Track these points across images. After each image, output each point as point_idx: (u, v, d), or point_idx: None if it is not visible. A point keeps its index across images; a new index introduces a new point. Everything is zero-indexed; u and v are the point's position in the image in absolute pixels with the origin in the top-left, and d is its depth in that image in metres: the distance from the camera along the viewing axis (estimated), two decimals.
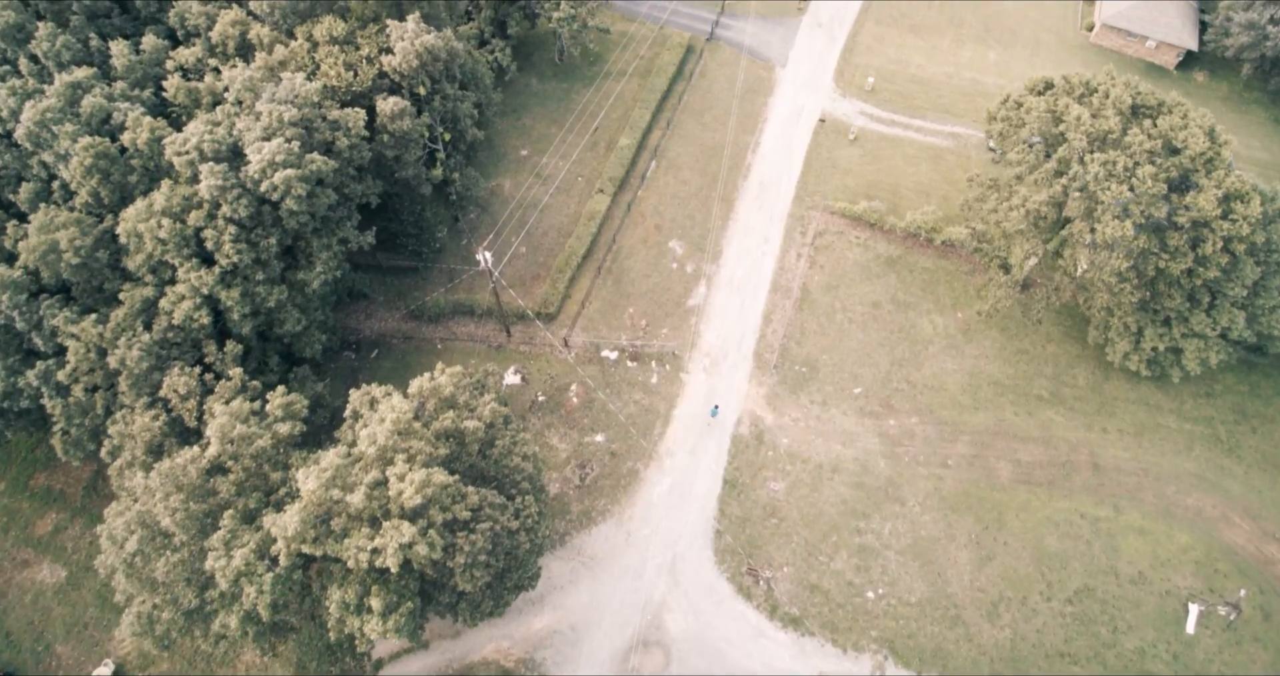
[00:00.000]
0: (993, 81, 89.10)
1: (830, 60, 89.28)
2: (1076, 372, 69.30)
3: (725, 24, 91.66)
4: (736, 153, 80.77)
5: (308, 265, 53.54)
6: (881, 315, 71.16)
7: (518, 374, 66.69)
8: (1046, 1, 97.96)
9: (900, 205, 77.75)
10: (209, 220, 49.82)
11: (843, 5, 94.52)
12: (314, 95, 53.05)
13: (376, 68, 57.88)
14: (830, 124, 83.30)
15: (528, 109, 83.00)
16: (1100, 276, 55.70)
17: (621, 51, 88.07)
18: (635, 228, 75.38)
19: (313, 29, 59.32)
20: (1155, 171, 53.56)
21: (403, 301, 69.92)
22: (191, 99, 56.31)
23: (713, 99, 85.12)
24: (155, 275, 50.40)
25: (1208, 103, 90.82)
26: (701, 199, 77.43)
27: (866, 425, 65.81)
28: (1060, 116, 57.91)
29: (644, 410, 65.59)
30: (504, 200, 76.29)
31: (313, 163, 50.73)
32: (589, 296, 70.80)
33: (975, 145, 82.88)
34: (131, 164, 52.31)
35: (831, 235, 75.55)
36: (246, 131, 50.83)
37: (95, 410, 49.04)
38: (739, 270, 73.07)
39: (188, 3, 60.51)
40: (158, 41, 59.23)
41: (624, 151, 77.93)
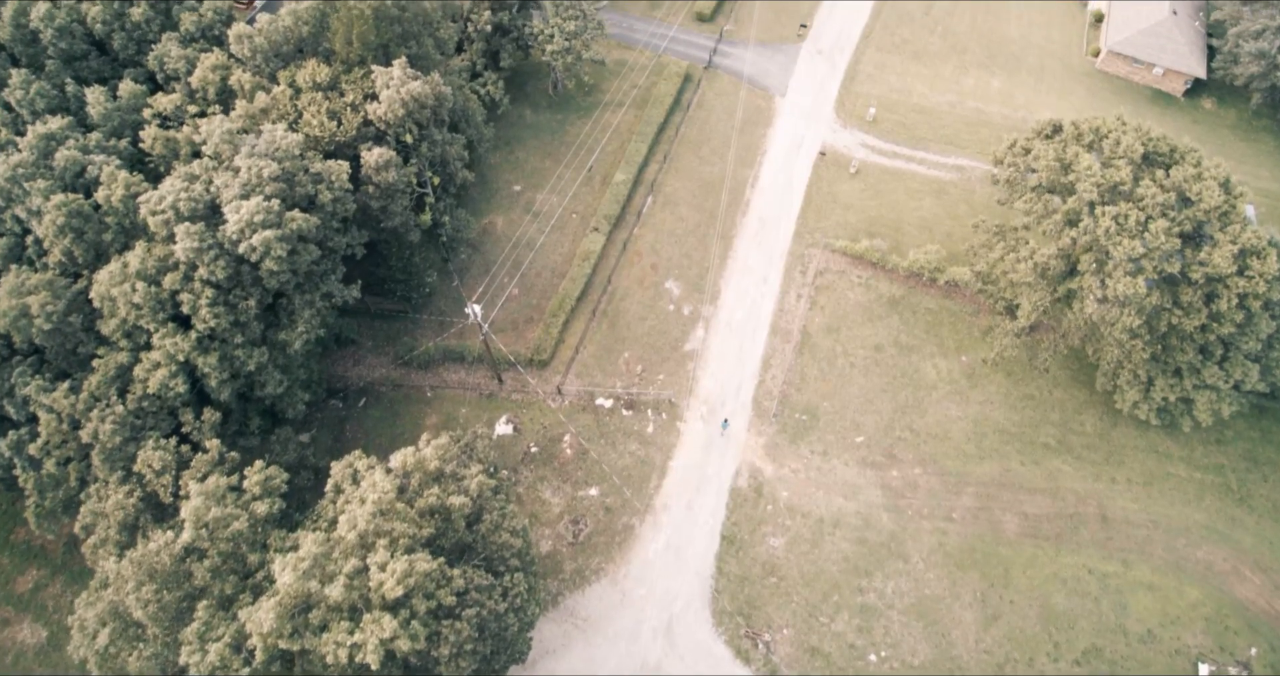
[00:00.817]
0: (996, 111, 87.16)
1: (831, 89, 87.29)
2: (1084, 419, 67.45)
3: (723, 51, 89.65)
4: (735, 187, 78.83)
5: (289, 324, 51.65)
6: (884, 359, 69.30)
7: (510, 423, 64.85)
8: (1051, 27, 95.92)
9: (903, 242, 75.85)
10: (185, 282, 47.94)
11: (843, 31, 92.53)
12: (295, 148, 51.12)
13: (361, 116, 55.91)
14: (831, 157, 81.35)
15: (521, 142, 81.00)
16: (1111, 333, 53.82)
17: (618, 80, 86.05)
18: (631, 267, 73.46)
19: (295, 74, 57.35)
20: (1168, 225, 51.70)
21: (391, 347, 68.01)
22: (169, 149, 54.38)
23: (710, 130, 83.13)
24: (130, 339, 48.54)
25: (1215, 131, 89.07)
26: (699, 236, 75.51)
27: (869, 476, 63.99)
28: (1069, 165, 56.00)
29: (639, 462, 63.75)
30: (496, 238, 74.35)
31: (293, 221, 48.83)
32: (583, 341, 68.92)
33: (979, 178, 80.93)
34: (106, 221, 50.41)
35: (832, 274, 73.65)
36: (225, 188, 48.92)
37: (69, 482, 47.22)
38: (737, 312, 71.18)
39: (167, 46, 58.49)
40: (135, 87, 57.26)
41: (619, 187, 75.98)
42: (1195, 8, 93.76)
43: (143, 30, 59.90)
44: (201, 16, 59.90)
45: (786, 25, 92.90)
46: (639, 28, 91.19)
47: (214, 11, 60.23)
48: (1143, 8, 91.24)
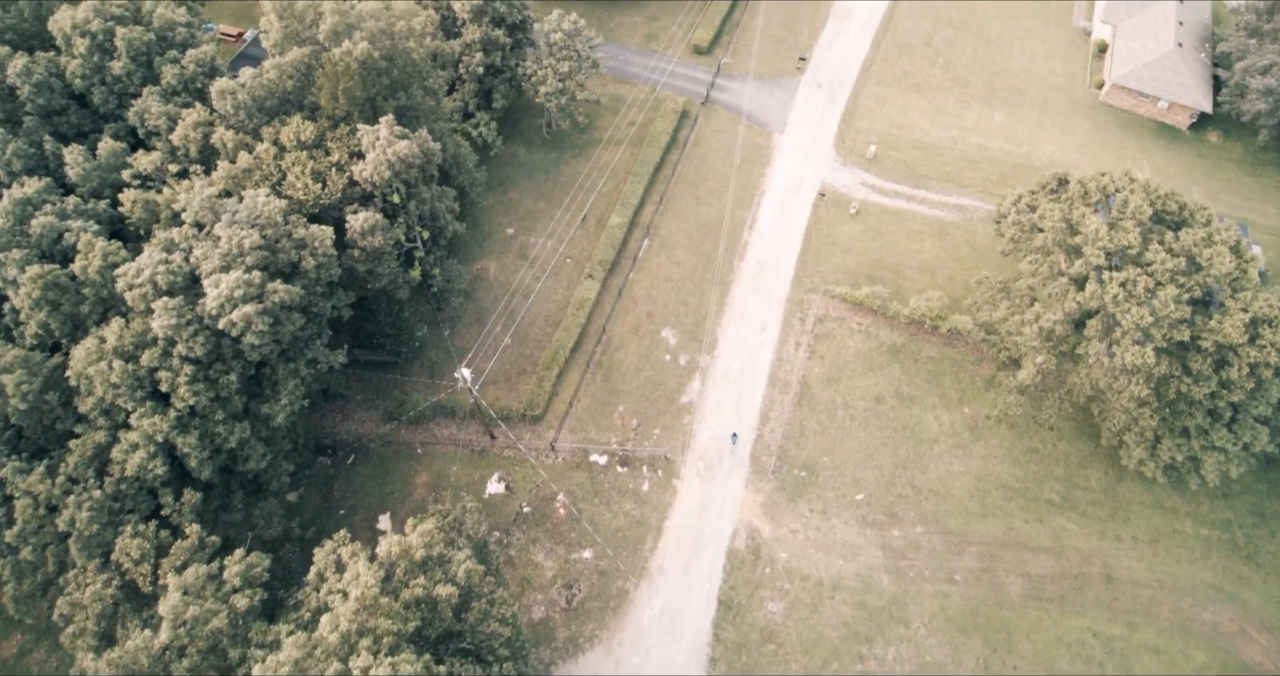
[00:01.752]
0: (999, 146, 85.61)
1: (830, 124, 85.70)
2: (1089, 473, 66.04)
3: (721, 85, 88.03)
4: (733, 229, 77.32)
5: (273, 395, 50.15)
6: (884, 411, 67.85)
7: (501, 482, 63.42)
8: (1053, 57, 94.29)
9: (904, 287, 74.37)
10: (163, 359, 46.44)
11: (843, 64, 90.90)
12: (278, 214, 49.59)
13: (347, 176, 54.33)
14: (831, 197, 79.80)
15: (515, 182, 79.43)
16: (1119, 401, 52.38)
17: (614, 117, 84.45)
18: (626, 315, 71.98)
19: (280, 131, 55.76)
20: (1178, 292, 50.22)
21: (381, 401, 66.54)
22: (149, 212, 52.81)
23: (708, 169, 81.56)
24: (108, 417, 47.07)
25: (1221, 165, 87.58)
26: (696, 282, 74.01)
27: (869, 536, 62.59)
28: (1076, 225, 54.49)
29: (634, 522, 62.34)
30: (489, 285, 72.83)
31: (275, 293, 47.33)
32: (578, 393, 67.46)
33: (981, 218, 79.43)
34: (83, 293, 48.87)
35: (832, 322, 72.18)
36: (204, 260, 47.39)
37: (46, 567, 45.75)
38: (735, 362, 69.71)
39: (148, 101, 56.87)
40: (115, 145, 55.66)
41: (615, 231, 74.45)
42: (1201, 39, 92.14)
43: (123, 83, 58.25)
44: (184, 69, 58.24)
45: (785, 58, 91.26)
46: (635, 61, 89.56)
47: (196, 63, 58.56)
48: (1147, 40, 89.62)
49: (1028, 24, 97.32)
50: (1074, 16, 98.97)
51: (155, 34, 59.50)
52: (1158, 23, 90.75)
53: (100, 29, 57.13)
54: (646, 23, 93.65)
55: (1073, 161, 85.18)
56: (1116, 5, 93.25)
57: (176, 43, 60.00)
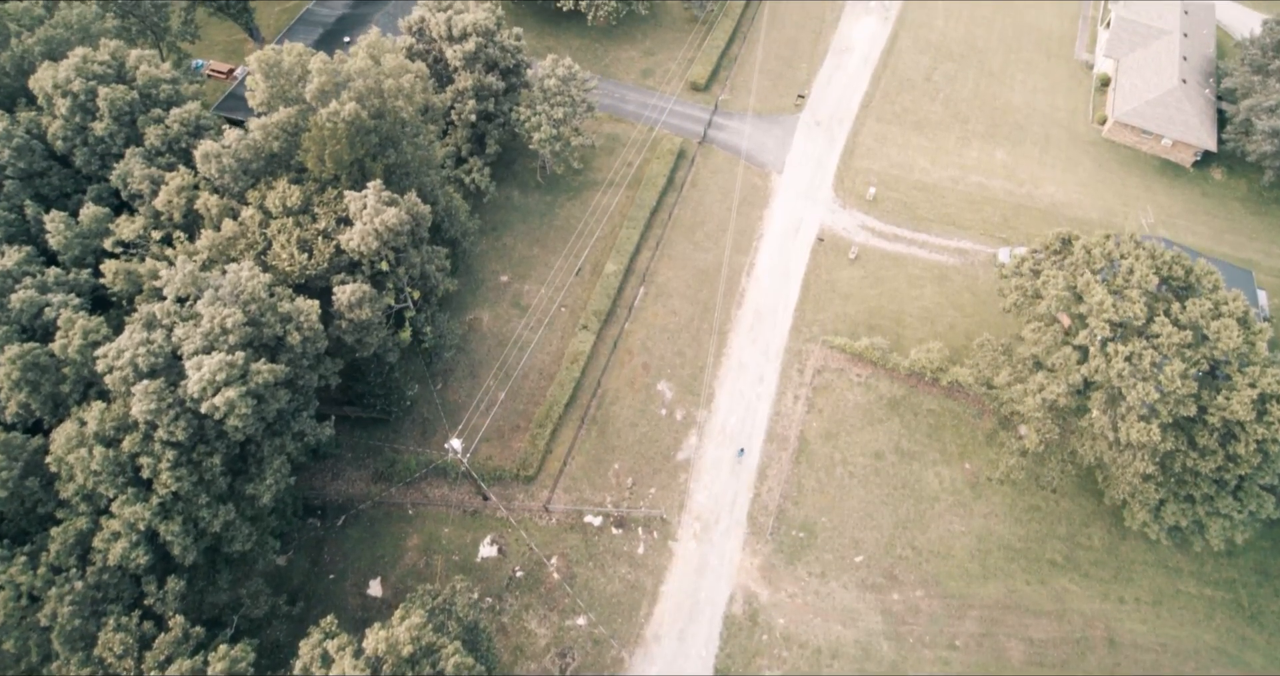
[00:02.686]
0: (1000, 186, 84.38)
1: (830, 164, 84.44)
2: (1091, 532, 64.94)
3: (719, 124, 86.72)
4: (730, 276, 76.13)
5: (258, 474, 49.00)
6: (884, 468, 66.74)
7: (494, 545, 62.31)
8: (1055, 92, 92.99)
9: (904, 336, 73.24)
10: (144, 443, 45.30)
11: (842, 100, 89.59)
12: (262, 290, 48.38)
13: (334, 245, 53.11)
14: (830, 241, 78.57)
15: (509, 226, 78.19)
16: (1123, 476, 51.28)
17: (609, 157, 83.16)
18: (622, 367, 70.80)
19: (266, 195, 54.51)
20: (1184, 367, 49.07)
21: (372, 459, 65.37)
22: (131, 283, 51.59)
23: (705, 212, 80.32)
24: (90, 503, 45.93)
25: (1225, 203, 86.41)
26: (692, 332, 72.82)
27: (868, 600, 61.52)
28: (1081, 294, 53.30)
29: (630, 587, 61.24)
30: (482, 336, 71.62)
31: (259, 374, 46.15)
32: (572, 451, 66.30)
33: (982, 262, 78.26)
34: (64, 372, 47.68)
35: (831, 373, 71.02)
36: (186, 340, 46.19)
37: (30, 657, 44.60)
38: (732, 417, 68.57)
39: (130, 163, 55.60)
40: (98, 211, 54.44)
41: (610, 279, 73.23)
42: (1205, 74, 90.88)
43: (106, 144, 57.01)
44: (168, 129, 56.98)
45: (784, 93, 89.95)
46: (631, 98, 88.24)
47: (180, 123, 57.27)
48: (1150, 75, 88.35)
49: (1029, 57, 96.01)
50: (1076, 49, 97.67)
51: (139, 92, 58.28)
52: (1161, 57, 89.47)
53: (82, 89, 55.84)
54: (643, 58, 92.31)
55: (1075, 201, 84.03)
56: (1119, 38, 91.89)
57: (160, 101, 58.73)
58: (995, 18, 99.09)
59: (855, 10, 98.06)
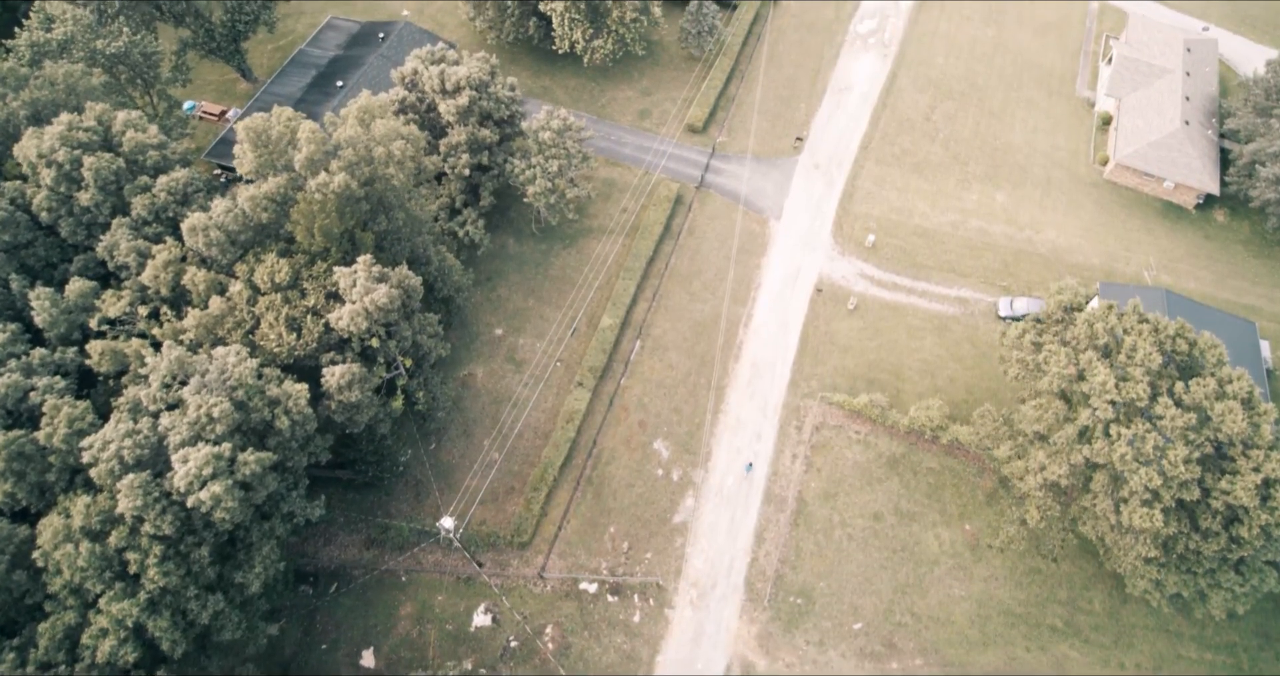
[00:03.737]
0: (1001, 231, 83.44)
1: (828, 209, 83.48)
2: (1092, 596, 64.14)
3: (716, 168, 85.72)
4: (728, 328, 75.25)
5: (247, 561, 48.20)
6: (883, 530, 65.95)
7: (488, 613, 61.54)
8: (1056, 131, 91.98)
9: (904, 390, 72.41)
10: (131, 537, 44.54)
11: (841, 141, 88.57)
12: (249, 376, 47.51)
13: (323, 324, 52.20)
14: (828, 291, 77.65)
15: (503, 276, 77.27)
16: (1125, 557, 50.51)
17: (606, 203, 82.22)
18: (618, 425, 69.96)
19: (254, 268, 53.60)
20: (1188, 452, 48.25)
21: (365, 524, 64.55)
22: (117, 362, 50.72)
23: (702, 261, 79.39)
24: (77, 596, 45.17)
25: (1228, 247, 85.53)
26: (689, 387, 71.97)
27: (867, 670, 60.74)
28: (1084, 372, 52.44)
29: (625, 657, 60.49)
30: (476, 393, 70.78)
31: (246, 464, 45.36)
32: (568, 514, 65.51)
33: (983, 312, 77.40)
34: (49, 461, 46.88)
35: (829, 430, 70.18)
36: (172, 432, 45.35)
37: None
38: (729, 476, 67.77)
39: (117, 235, 54.68)
40: (84, 286, 53.54)
41: (606, 333, 72.35)
42: (1208, 113, 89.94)
43: (92, 214, 56.11)
44: (155, 198, 56.04)
45: (782, 135, 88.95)
46: (628, 140, 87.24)
47: (168, 191, 56.32)
48: (1153, 116, 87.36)
49: (1030, 94, 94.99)
50: (1077, 85, 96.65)
51: (125, 158, 57.34)
52: (1163, 98, 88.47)
53: (67, 159, 54.90)
54: (640, 98, 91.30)
55: (1076, 246, 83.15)
56: (1121, 77, 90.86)
57: (147, 167, 57.78)
58: (995, 54, 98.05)
59: (854, 47, 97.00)
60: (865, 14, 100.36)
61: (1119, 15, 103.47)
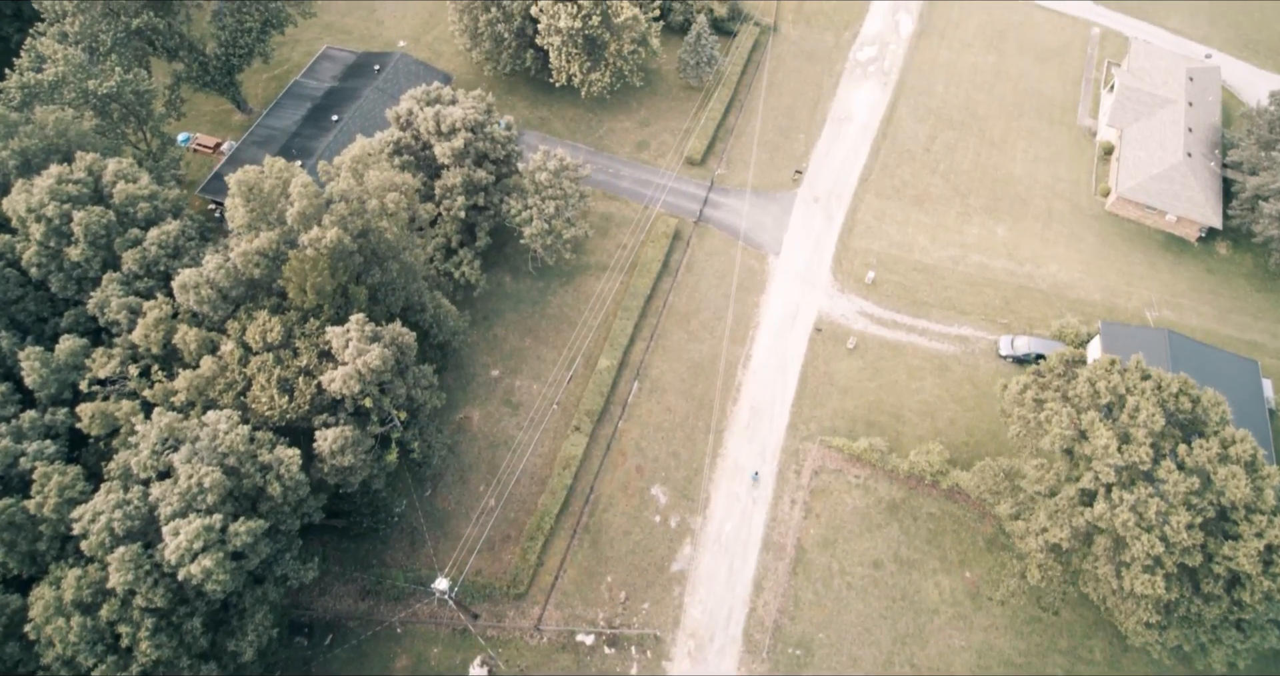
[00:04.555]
0: (1001, 266, 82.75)
1: (828, 244, 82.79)
2: (1093, 644, 63.56)
3: (714, 201, 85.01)
4: (726, 368, 74.63)
5: (240, 628, 47.69)
6: (883, 578, 65.38)
7: (485, 666, 61.03)
8: (1058, 161, 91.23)
9: (903, 432, 71.82)
10: (123, 610, 44.04)
11: (841, 173, 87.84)
12: (240, 443, 46.92)
13: (315, 384, 51.59)
14: (828, 330, 77.02)
15: (500, 315, 76.64)
16: (1126, 623, 49.96)
17: (603, 238, 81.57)
18: (615, 470, 69.39)
19: (246, 326, 52.97)
20: (1191, 517, 47.69)
21: (360, 573, 63.96)
22: (107, 425, 50.15)
23: (700, 299, 78.73)
24: (71, 668, 44.67)
25: (1230, 281, 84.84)
26: (687, 431, 71.39)
27: None
28: (1085, 431, 51.84)
29: None
30: (472, 437, 70.20)
31: (238, 535, 44.80)
32: (564, 563, 64.96)
33: (983, 351, 76.78)
34: (40, 530, 46.38)
35: (828, 474, 69.60)
36: (163, 503, 44.79)
37: None
38: (727, 523, 67.22)
39: (107, 291, 54.05)
40: (74, 344, 52.92)
41: (603, 375, 71.75)
42: (1211, 144, 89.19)
43: (82, 268, 55.49)
44: (145, 252, 55.40)
45: (781, 167, 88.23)
46: (626, 173, 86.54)
47: (159, 245, 55.67)
48: (1155, 148, 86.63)
49: (1031, 124, 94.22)
50: (1079, 114, 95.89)
51: (116, 211, 56.70)
52: (1166, 129, 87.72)
53: (56, 214, 54.26)
54: (638, 128, 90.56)
55: (1077, 281, 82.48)
56: (1123, 107, 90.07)
57: (138, 220, 57.15)
58: (996, 82, 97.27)
59: (854, 76, 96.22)
60: (865, 41, 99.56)
61: (1121, 40, 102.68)
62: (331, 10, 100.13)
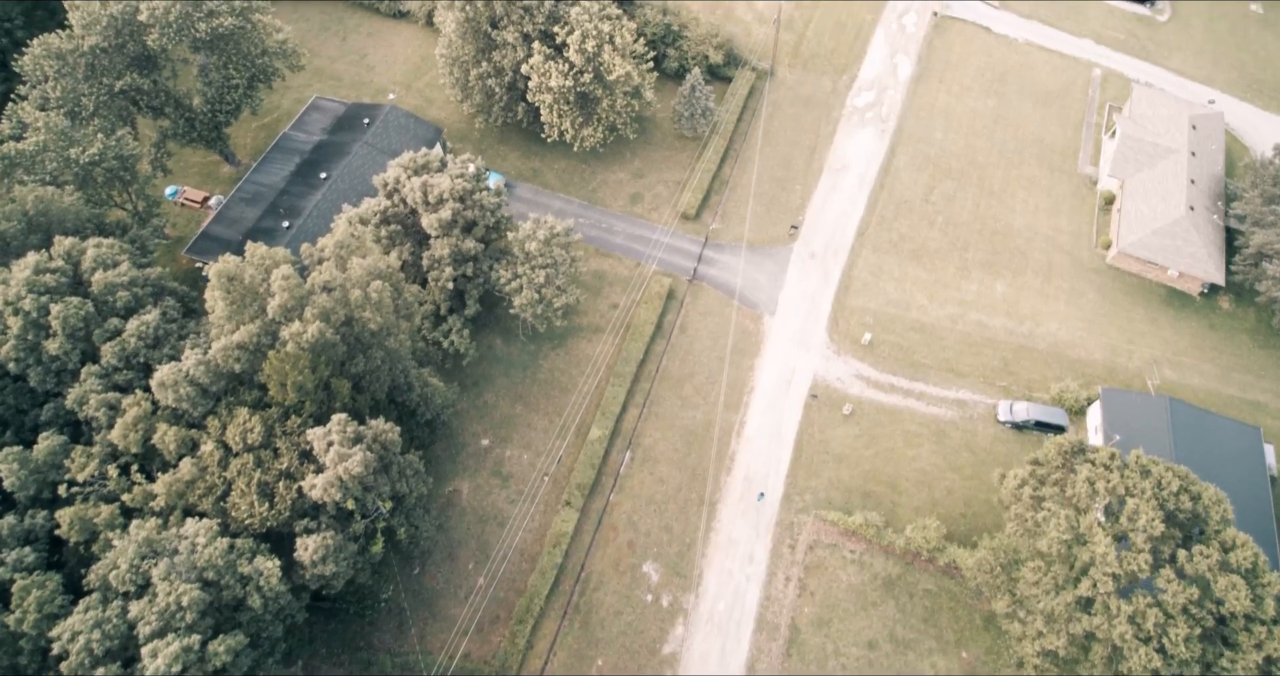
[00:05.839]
0: (1000, 325, 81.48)
1: (824, 303, 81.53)
2: None
3: (710, 258, 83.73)
4: (720, 436, 73.54)
5: None
6: (878, 660, 64.38)
7: None
8: (1058, 212, 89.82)
9: (900, 503, 70.74)
10: None
11: (838, 227, 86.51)
12: (219, 557, 45.95)
13: (296, 488, 50.56)
14: (823, 396, 75.85)
15: (490, 381, 75.54)
16: None
17: (595, 298, 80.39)
18: (607, 545, 68.40)
19: (226, 424, 51.95)
20: (1189, 629, 46.62)
21: (347, 655, 63.10)
22: (86, 531, 49.21)
23: (694, 363, 77.57)
24: None
25: (1233, 337, 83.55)
26: (680, 503, 70.35)
27: None
28: (1083, 535, 50.73)
29: None
30: (461, 511, 69.21)
31: (218, 655, 43.85)
32: (554, 646, 64.00)
33: (982, 416, 75.63)
34: (20, 645, 45.53)
35: (823, 549, 68.55)
36: (141, 622, 43.88)
37: None
38: (720, 602, 66.22)
39: (86, 388, 53.03)
40: (54, 443, 51.93)
41: (594, 446, 70.70)
42: (1214, 196, 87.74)
43: (61, 361, 54.45)
44: (125, 344, 54.34)
45: (777, 221, 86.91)
46: (619, 228, 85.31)
47: (138, 337, 54.61)
48: (1157, 202, 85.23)
49: (1031, 172, 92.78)
50: (1079, 161, 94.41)
51: (94, 300, 55.61)
52: (1168, 181, 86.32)
53: (34, 307, 53.21)
54: (632, 180, 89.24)
55: (1078, 340, 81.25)
56: (1125, 157, 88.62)
57: (118, 309, 56.05)
58: (996, 127, 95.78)
59: (852, 123, 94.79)
60: (863, 85, 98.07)
61: (1123, 82, 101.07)
62: (322, 56, 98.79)
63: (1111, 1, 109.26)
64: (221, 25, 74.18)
